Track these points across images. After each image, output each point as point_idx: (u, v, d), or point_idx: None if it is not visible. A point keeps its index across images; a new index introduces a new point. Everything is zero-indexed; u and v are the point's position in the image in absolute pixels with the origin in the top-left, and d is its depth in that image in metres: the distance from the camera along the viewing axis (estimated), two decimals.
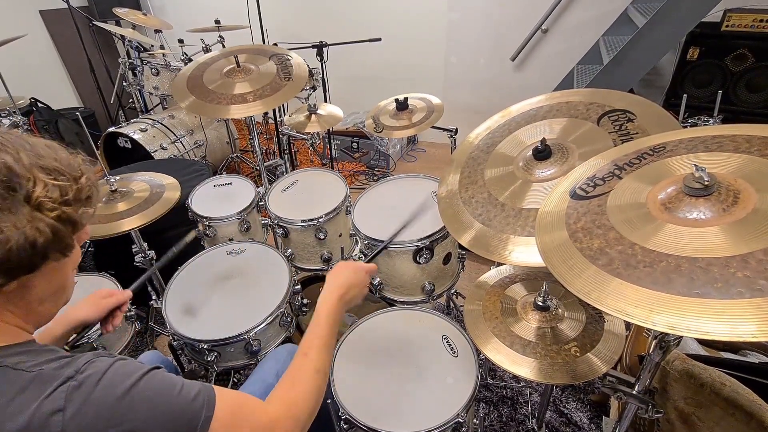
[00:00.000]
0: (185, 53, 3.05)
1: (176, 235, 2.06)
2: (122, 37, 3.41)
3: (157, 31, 3.45)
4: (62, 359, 0.56)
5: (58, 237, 0.57)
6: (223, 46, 3.07)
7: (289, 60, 1.85)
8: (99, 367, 0.55)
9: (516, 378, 1.76)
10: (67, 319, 0.95)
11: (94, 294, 1.02)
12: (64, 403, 0.52)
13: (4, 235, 0.51)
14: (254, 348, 1.32)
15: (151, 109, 3.99)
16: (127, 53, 3.43)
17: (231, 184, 2.03)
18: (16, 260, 0.53)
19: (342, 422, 1.03)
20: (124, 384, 0.55)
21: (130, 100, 3.79)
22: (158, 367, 0.61)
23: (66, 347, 0.95)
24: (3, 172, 0.52)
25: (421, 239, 1.39)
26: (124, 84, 3.49)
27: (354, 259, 1.82)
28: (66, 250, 0.59)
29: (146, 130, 2.96)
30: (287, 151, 3.19)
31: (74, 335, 0.97)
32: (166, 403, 0.58)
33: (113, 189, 1.48)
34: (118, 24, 3.87)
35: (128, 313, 1.47)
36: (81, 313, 0.97)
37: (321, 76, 2.90)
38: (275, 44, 2.65)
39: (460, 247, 1.58)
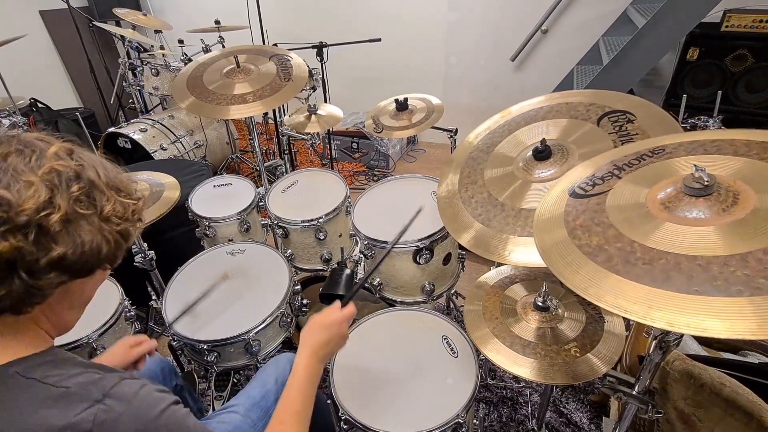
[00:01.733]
0: (185, 53, 3.05)
1: (176, 235, 2.08)
2: (122, 38, 3.41)
3: (157, 31, 3.45)
4: (87, 374, 0.58)
5: (117, 247, 0.63)
6: (223, 47, 3.07)
7: (288, 60, 1.85)
8: (126, 393, 0.58)
9: (516, 378, 1.76)
10: None
11: (123, 342, 1.06)
12: (91, 426, 0.54)
13: (83, 237, 0.57)
14: (254, 348, 1.32)
15: (151, 110, 3.98)
16: (127, 54, 3.43)
17: (231, 184, 2.03)
18: (84, 263, 0.58)
19: (342, 422, 1.03)
20: (147, 416, 0.58)
21: (130, 101, 3.79)
22: (177, 402, 0.64)
23: None
24: (87, 186, 0.59)
25: (421, 239, 1.40)
26: (124, 84, 3.49)
27: (353, 260, 1.82)
28: (116, 260, 0.65)
29: (146, 130, 2.96)
30: (287, 152, 3.19)
31: None
32: None
33: None
34: (118, 24, 3.87)
35: (128, 314, 1.47)
36: (112, 363, 0.97)
37: (321, 76, 2.90)
38: (275, 45, 2.65)
39: (460, 247, 1.58)
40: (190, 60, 2.96)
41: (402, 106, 1.81)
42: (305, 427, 0.80)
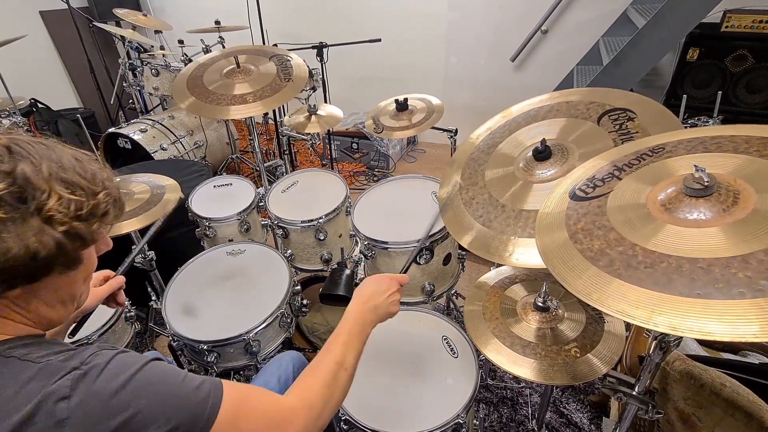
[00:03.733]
0: (185, 54, 3.05)
1: (176, 235, 2.08)
2: (122, 38, 3.42)
3: (157, 31, 3.45)
4: (68, 352, 0.57)
5: (63, 251, 0.56)
6: (223, 47, 3.07)
7: (289, 61, 1.85)
8: (102, 358, 0.57)
9: (516, 379, 1.76)
10: None
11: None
12: (69, 391, 0.52)
13: (6, 244, 0.51)
14: (254, 348, 1.32)
15: (151, 110, 3.98)
16: (127, 54, 3.44)
17: (231, 184, 2.03)
18: (16, 270, 0.53)
19: (341, 423, 1.03)
20: (126, 373, 0.56)
21: (130, 101, 3.79)
22: (159, 359, 0.62)
23: (69, 336, 0.95)
24: (19, 182, 0.53)
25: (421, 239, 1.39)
26: (124, 84, 3.49)
27: (354, 260, 1.82)
28: (71, 264, 0.60)
29: (146, 130, 2.96)
30: (287, 152, 3.19)
31: (74, 324, 0.96)
32: (169, 389, 0.58)
33: None
34: (118, 25, 3.87)
35: (128, 314, 1.47)
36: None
37: (321, 76, 2.90)
38: (275, 45, 2.65)
39: (460, 247, 1.58)
40: (190, 60, 2.96)
41: (402, 106, 1.81)
42: (354, 353, 0.78)
